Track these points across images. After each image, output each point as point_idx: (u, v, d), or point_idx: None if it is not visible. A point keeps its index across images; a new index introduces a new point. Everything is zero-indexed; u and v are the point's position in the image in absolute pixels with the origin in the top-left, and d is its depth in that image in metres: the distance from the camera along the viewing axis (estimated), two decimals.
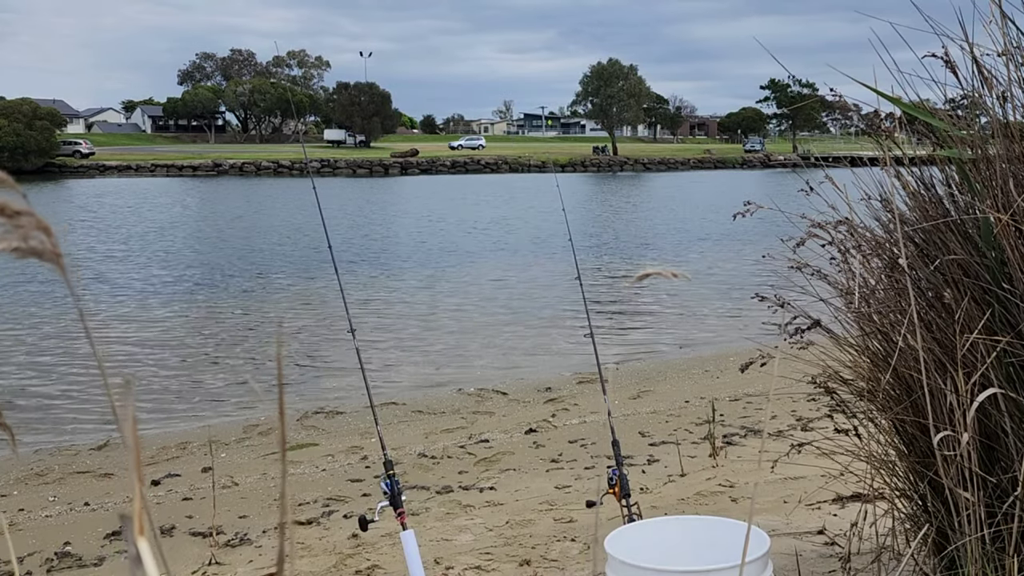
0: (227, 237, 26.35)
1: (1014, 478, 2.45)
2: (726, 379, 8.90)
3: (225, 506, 5.73)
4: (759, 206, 3.07)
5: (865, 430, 3.04)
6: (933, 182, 2.84)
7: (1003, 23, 2.53)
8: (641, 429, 7.14)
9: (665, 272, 0.96)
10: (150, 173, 68.17)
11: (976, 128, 2.70)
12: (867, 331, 2.93)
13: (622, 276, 17.84)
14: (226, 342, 11.97)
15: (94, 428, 8.13)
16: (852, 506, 4.16)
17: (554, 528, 4.91)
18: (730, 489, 5.41)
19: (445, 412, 8.30)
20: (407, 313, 14.02)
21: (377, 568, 4.51)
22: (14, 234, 0.67)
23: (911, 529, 3.04)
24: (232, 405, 8.99)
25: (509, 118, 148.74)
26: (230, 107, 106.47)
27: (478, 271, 18.95)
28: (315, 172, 67.22)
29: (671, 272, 0.95)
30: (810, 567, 3.68)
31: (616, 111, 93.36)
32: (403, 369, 10.34)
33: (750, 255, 18.83)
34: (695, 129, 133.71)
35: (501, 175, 72.07)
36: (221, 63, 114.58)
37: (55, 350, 11.49)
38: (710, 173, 76.07)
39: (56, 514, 5.93)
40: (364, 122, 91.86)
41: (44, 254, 0.68)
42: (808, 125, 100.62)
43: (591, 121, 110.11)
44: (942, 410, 2.55)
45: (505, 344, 11.65)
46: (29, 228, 0.68)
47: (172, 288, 16.62)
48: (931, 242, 2.72)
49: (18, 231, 0.68)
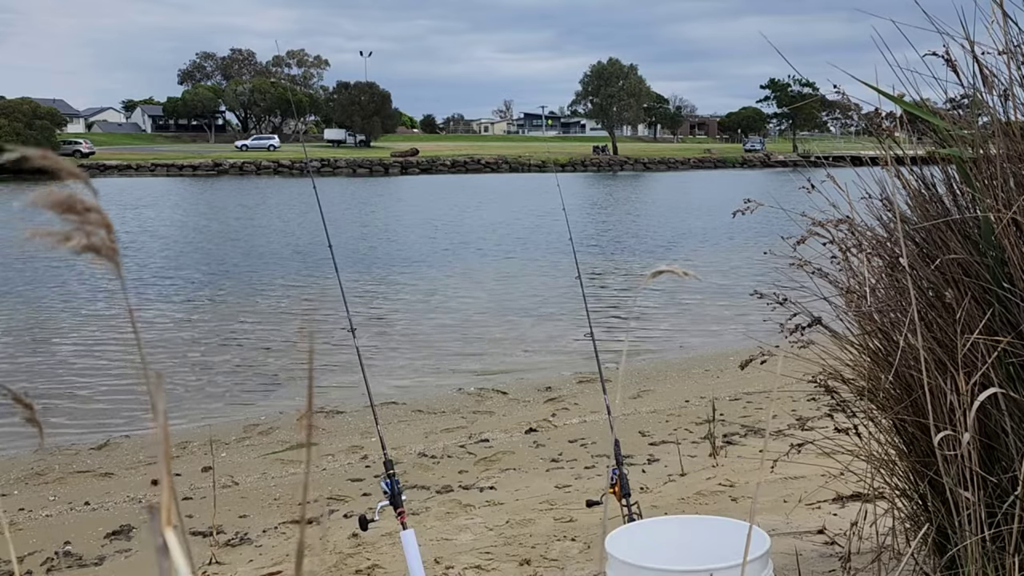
0: (226, 237, 26.35)
1: (1014, 478, 2.45)
2: (726, 379, 8.90)
3: (225, 506, 5.73)
4: (759, 203, 3.07)
5: (866, 429, 3.04)
6: (934, 181, 2.84)
7: (1004, 22, 2.53)
8: (641, 429, 7.14)
9: (677, 270, 0.97)
10: (150, 173, 68.16)
11: (977, 127, 2.70)
12: (868, 330, 2.92)
13: (623, 276, 17.85)
14: (226, 342, 11.97)
15: (94, 428, 8.13)
16: (852, 505, 4.16)
17: (554, 528, 4.91)
18: (730, 488, 5.41)
19: (445, 412, 8.30)
20: (407, 312, 14.01)
21: (377, 568, 4.50)
22: (81, 231, 0.68)
23: (911, 529, 3.04)
24: (232, 405, 8.99)
25: (509, 117, 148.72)
26: (230, 107, 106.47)
27: (478, 271, 18.95)
28: (315, 172, 67.19)
29: (683, 271, 0.96)
30: (810, 567, 3.68)
31: (616, 111, 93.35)
32: (403, 368, 10.34)
33: (750, 254, 18.82)
34: (695, 129, 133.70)
35: (501, 175, 72.07)
36: (221, 63, 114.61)
37: (55, 350, 11.49)
38: (710, 173, 76.06)
39: (56, 514, 5.93)
40: (364, 122, 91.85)
41: (103, 250, 0.69)
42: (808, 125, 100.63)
43: (591, 121, 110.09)
44: (942, 409, 2.55)
45: (505, 344, 11.65)
46: (95, 226, 0.69)
47: (171, 288, 16.62)
48: (931, 241, 2.72)
49: (86, 228, 0.69)
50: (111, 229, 0.69)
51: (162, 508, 0.61)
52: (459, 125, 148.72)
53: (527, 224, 29.00)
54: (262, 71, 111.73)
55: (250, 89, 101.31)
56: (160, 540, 0.61)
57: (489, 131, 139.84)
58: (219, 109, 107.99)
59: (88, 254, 0.69)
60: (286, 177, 67.26)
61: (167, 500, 0.62)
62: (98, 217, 0.69)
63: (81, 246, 0.68)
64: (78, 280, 17.28)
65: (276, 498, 5.99)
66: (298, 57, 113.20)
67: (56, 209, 0.67)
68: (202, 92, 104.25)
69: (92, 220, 0.68)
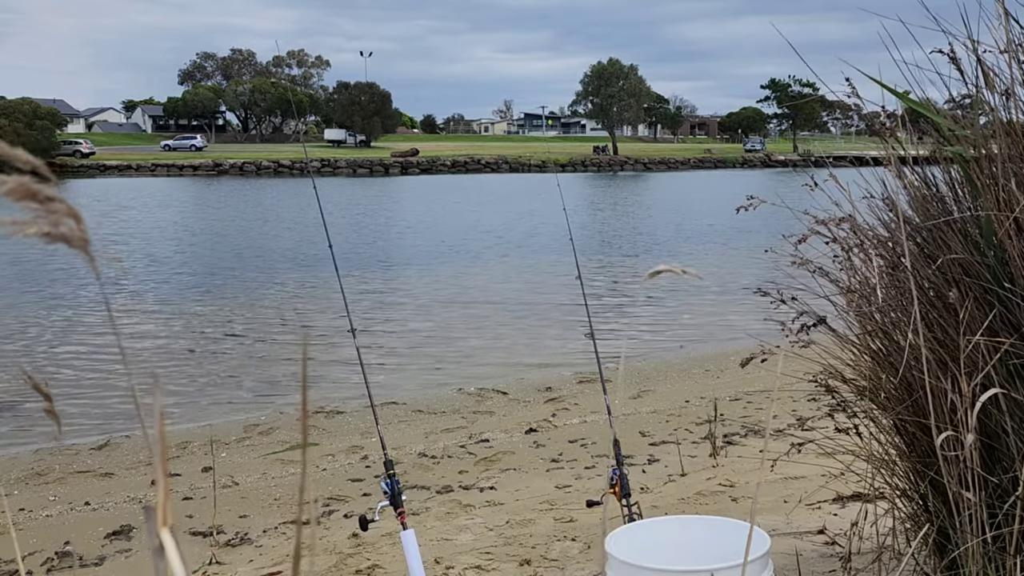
0: (225, 236, 26.35)
1: (1015, 478, 2.44)
2: (726, 379, 8.89)
3: (225, 506, 5.73)
4: (762, 200, 3.07)
5: (866, 429, 3.03)
6: (935, 181, 2.84)
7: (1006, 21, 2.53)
8: (641, 429, 7.14)
9: (676, 269, 0.97)
10: (151, 173, 68.20)
11: (978, 126, 2.69)
12: (869, 329, 2.92)
13: (623, 276, 17.84)
14: (226, 341, 11.96)
15: (95, 428, 8.13)
16: (852, 506, 4.16)
17: (554, 528, 4.91)
18: (730, 489, 5.41)
19: (445, 412, 8.30)
20: (408, 312, 14.01)
21: (377, 568, 4.50)
22: (46, 219, 0.68)
23: (911, 529, 3.04)
24: (233, 405, 8.98)
25: (509, 118, 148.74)
26: (230, 107, 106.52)
27: (479, 271, 18.95)
28: (315, 172, 67.23)
29: (682, 270, 0.96)
30: (810, 567, 3.68)
31: (616, 111, 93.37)
32: (403, 369, 10.34)
33: (751, 254, 18.81)
34: (695, 129, 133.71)
35: (501, 175, 72.07)
36: (221, 63, 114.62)
37: (54, 350, 11.49)
38: (710, 173, 76.06)
39: (57, 514, 5.92)
40: (364, 122, 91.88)
41: (73, 240, 0.69)
42: (809, 125, 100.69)
43: (591, 121, 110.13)
44: (943, 410, 2.54)
45: (505, 344, 11.65)
46: (60, 215, 0.69)
47: (170, 288, 16.62)
48: (932, 241, 2.72)
49: (50, 216, 0.69)
50: (80, 219, 0.69)
51: (158, 508, 0.61)
52: (459, 125, 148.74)
53: (527, 224, 28.99)
54: (262, 71, 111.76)
55: (250, 89, 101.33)
56: (156, 541, 0.60)
57: (489, 131, 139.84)
58: (219, 109, 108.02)
59: (59, 243, 0.69)
60: (286, 177, 67.27)
61: (163, 500, 0.61)
62: (63, 207, 0.69)
63: (44, 234, 0.68)
64: (78, 280, 17.28)
65: (276, 498, 5.99)
66: (298, 57, 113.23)
67: (11, 196, 0.67)
68: (202, 92, 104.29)
69: (56, 209, 0.68)
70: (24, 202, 0.68)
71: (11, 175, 0.68)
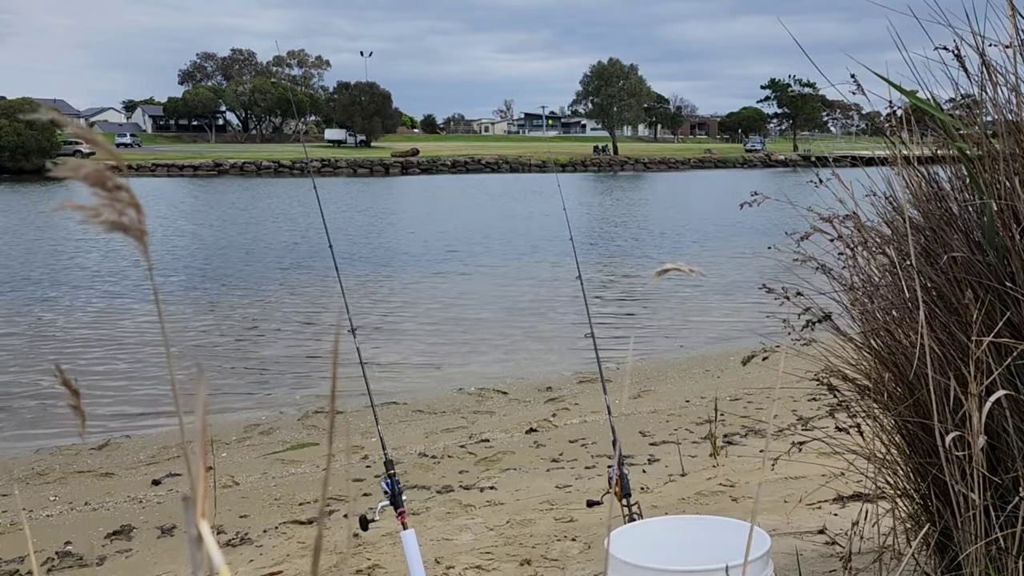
0: (225, 236, 26.34)
1: (1016, 478, 2.44)
2: (727, 378, 8.89)
3: (226, 506, 5.72)
4: (765, 196, 3.07)
5: (869, 428, 3.03)
6: (938, 179, 2.83)
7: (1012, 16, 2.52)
8: (642, 429, 7.13)
9: (682, 267, 0.96)
10: (151, 173, 68.18)
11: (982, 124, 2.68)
12: (871, 328, 2.91)
13: (624, 275, 17.84)
14: (226, 341, 11.96)
15: (95, 428, 8.12)
16: (853, 505, 4.15)
17: (554, 528, 4.90)
18: (731, 488, 5.40)
19: (445, 412, 8.29)
20: (408, 312, 14.00)
21: (377, 568, 4.50)
22: (111, 208, 0.67)
23: (912, 529, 3.03)
24: (233, 405, 8.97)
25: (510, 118, 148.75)
26: (231, 107, 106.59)
27: (479, 271, 18.94)
28: (316, 172, 67.22)
29: (688, 268, 0.95)
30: (811, 567, 3.67)
31: (617, 111, 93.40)
32: (404, 369, 10.33)
33: (751, 253, 18.80)
34: (696, 129, 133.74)
35: (502, 175, 72.06)
36: (221, 63, 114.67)
37: (54, 350, 11.48)
38: (711, 173, 76.08)
39: (57, 513, 5.92)
40: (365, 122, 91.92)
41: (131, 230, 0.69)
42: (809, 125, 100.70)
43: (592, 121, 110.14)
44: (945, 409, 2.53)
45: (506, 344, 11.64)
46: (124, 204, 0.69)
47: (170, 288, 16.61)
48: (935, 239, 2.71)
49: (115, 205, 0.69)
50: (140, 210, 0.69)
51: (196, 500, 0.62)
52: (459, 125, 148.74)
53: (527, 224, 28.99)
54: (262, 71, 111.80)
55: (250, 89, 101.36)
56: (194, 531, 0.61)
57: (490, 131, 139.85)
58: (220, 109, 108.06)
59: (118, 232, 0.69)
60: (286, 177, 67.26)
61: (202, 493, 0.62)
62: (127, 196, 0.69)
63: (110, 223, 0.67)
64: (78, 280, 17.28)
65: (277, 498, 5.98)
66: (299, 57, 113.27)
67: (86, 181, 0.67)
68: (202, 92, 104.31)
69: (122, 199, 0.68)
70: (95, 188, 0.68)
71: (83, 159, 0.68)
